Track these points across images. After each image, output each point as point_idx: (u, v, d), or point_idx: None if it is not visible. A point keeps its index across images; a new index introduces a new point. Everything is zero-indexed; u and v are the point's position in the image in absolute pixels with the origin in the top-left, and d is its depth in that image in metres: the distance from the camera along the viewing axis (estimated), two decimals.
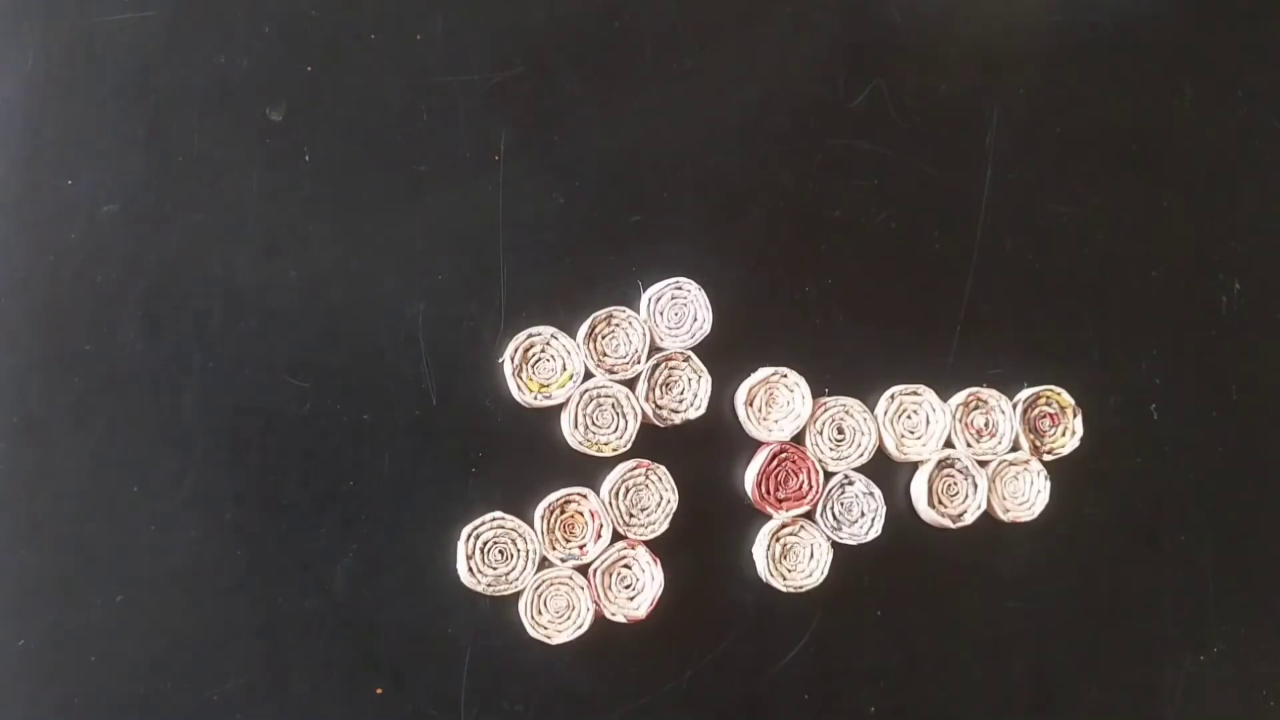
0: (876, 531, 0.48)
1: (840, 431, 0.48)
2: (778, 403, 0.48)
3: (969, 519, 0.48)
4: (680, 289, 0.47)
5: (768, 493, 0.47)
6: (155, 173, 0.46)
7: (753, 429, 0.47)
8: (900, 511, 0.48)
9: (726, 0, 0.49)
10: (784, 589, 0.47)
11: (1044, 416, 0.49)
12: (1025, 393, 0.49)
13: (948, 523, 0.48)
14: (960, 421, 0.48)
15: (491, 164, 0.47)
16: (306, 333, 0.46)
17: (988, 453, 0.48)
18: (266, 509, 0.46)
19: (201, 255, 0.46)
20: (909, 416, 0.48)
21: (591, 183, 0.48)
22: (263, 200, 0.46)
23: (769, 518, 0.47)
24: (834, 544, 0.47)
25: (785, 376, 0.47)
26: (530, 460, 0.47)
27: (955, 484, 0.48)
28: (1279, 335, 0.51)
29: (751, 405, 0.47)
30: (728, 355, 0.47)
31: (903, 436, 0.48)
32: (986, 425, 0.48)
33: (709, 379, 0.47)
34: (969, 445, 0.48)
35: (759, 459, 0.47)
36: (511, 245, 0.47)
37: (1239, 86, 0.51)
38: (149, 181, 0.46)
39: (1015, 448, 0.49)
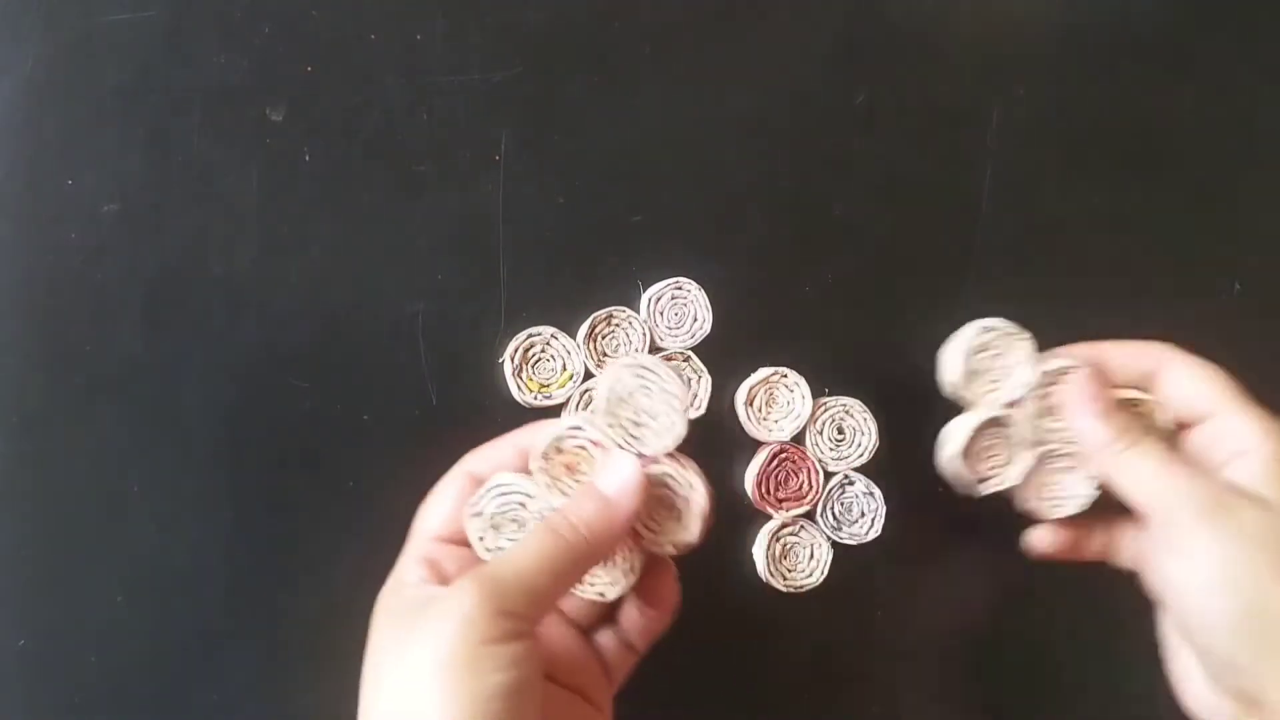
0: (876, 531, 0.48)
1: (840, 431, 0.48)
2: (778, 403, 0.48)
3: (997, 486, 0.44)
4: (680, 289, 0.47)
5: (768, 493, 0.47)
6: (155, 173, 0.46)
7: (753, 429, 0.47)
8: (900, 511, 0.48)
9: (726, 0, 0.49)
10: (784, 589, 0.47)
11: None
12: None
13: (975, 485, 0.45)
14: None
15: (491, 164, 0.47)
16: (306, 333, 0.46)
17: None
18: (266, 509, 0.46)
19: (201, 255, 0.46)
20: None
21: (591, 183, 0.48)
22: (263, 200, 0.46)
23: (769, 518, 0.47)
24: (834, 544, 0.47)
25: (785, 376, 0.47)
26: None
27: (995, 447, 0.44)
28: (1279, 335, 0.51)
29: (751, 405, 0.47)
30: (728, 355, 0.47)
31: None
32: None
33: (709, 379, 0.47)
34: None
35: (759, 459, 0.47)
36: (511, 245, 0.47)
37: (1239, 86, 0.51)
38: (149, 181, 0.46)
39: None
